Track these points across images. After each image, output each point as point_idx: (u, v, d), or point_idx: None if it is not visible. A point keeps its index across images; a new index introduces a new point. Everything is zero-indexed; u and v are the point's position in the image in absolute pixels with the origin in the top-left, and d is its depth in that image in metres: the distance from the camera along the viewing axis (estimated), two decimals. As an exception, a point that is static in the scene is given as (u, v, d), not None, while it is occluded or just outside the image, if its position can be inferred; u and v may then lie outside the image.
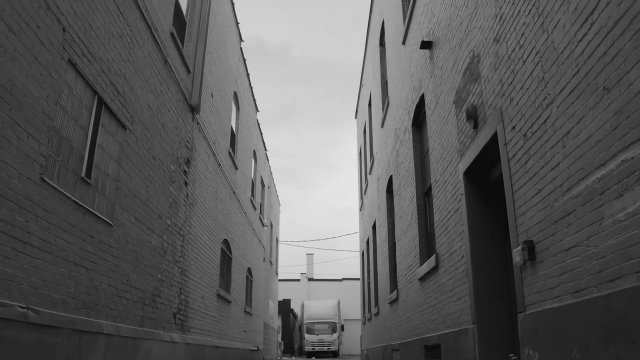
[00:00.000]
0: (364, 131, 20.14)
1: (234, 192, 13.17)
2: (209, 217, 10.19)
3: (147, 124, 6.73)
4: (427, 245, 8.63)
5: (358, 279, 42.39)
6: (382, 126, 13.86)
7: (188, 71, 8.72)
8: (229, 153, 12.46)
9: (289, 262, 79.36)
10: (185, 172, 8.45)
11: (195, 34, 9.20)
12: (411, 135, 9.49)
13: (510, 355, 4.48)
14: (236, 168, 13.50)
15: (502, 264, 5.66)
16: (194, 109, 8.93)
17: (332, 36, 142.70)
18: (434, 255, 7.30)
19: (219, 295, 10.98)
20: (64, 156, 4.66)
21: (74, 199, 4.72)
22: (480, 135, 5.43)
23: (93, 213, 5.10)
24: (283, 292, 42.21)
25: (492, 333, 5.41)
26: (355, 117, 24.59)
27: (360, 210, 21.57)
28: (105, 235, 5.38)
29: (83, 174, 4.97)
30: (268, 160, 21.95)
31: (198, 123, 9.37)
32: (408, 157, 9.73)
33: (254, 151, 17.56)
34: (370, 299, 17.76)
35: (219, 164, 11.18)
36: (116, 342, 5.50)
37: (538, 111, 4.09)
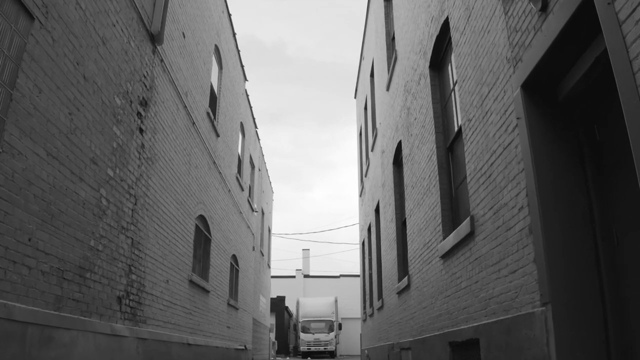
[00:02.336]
0: (365, 107, 18.44)
1: (215, 163, 11.29)
2: (177, 182, 8.31)
3: (75, 28, 4.85)
4: (453, 211, 6.79)
5: (356, 276, 40.73)
6: (387, 89, 12.07)
7: (147, -11, 6.85)
8: (208, 114, 10.59)
9: (284, 257, 77.44)
10: (140, 114, 6.57)
11: (159, -52, 7.32)
12: (429, 80, 7.67)
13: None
14: (217, 135, 11.62)
15: (586, 213, 3.81)
16: (154, 38, 7.05)
17: (327, 36, 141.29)
18: (468, 219, 5.45)
19: (192, 282, 9.10)
20: None
21: None
22: (554, 17, 3.57)
23: (-46, 124, 3.22)
24: (278, 289, 40.53)
25: (578, 317, 3.55)
26: (355, 97, 22.95)
27: (360, 196, 19.79)
28: (-18, 164, 3.50)
29: None
30: (259, 139, 20.06)
31: (162, 61, 7.50)
32: (424, 108, 7.89)
33: (242, 124, 15.69)
34: (372, 293, 15.93)
35: (193, 123, 9.31)
36: (2, 329, 3.61)
37: None
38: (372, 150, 15.68)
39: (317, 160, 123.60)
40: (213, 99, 11.64)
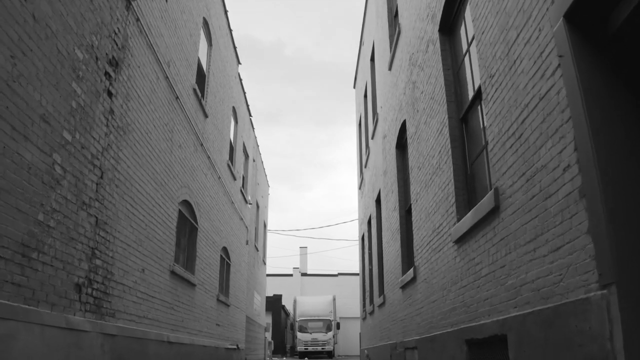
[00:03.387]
0: (365, 95, 17.70)
1: (202, 145, 10.44)
2: (157, 160, 7.46)
3: (17, -45, 4.01)
4: (469, 189, 5.97)
5: (355, 274, 39.91)
6: (389, 69, 11.27)
7: None
8: (195, 91, 9.74)
9: (281, 256, 76.65)
10: (108, 75, 5.72)
11: None
12: (438, 45, 6.87)
13: None
14: (205, 116, 10.77)
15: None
16: (127, -9, 6.21)
17: (325, 36, 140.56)
18: (490, 192, 4.62)
19: (174, 273, 8.26)
20: None
21: None
22: None
23: None
24: (274, 287, 39.76)
25: (652, 302, 2.73)
26: (354, 86, 22.22)
27: (360, 188, 19.00)
28: None
29: None
30: (253, 128, 19.18)
31: (138, 20, 6.65)
32: (433, 77, 7.08)
33: (234, 109, 14.83)
34: (372, 289, 15.12)
35: (177, 97, 8.46)
36: None
37: None
38: (372, 138, 14.89)
39: (316, 161, 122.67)
40: (201, 77, 10.80)
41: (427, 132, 7.46)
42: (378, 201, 13.83)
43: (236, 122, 15.32)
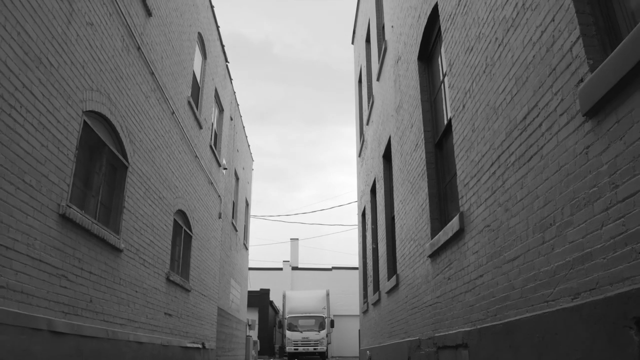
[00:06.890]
0: (367, 39, 14.74)
1: (140, 49, 7.32)
2: (27, 14, 4.38)
3: None
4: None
5: (351, 268, 36.93)
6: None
7: None
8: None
9: (269, 243, 73.55)
10: None
11: None
12: None
13: None
14: (148, 13, 7.66)
15: None
16: None
17: (314, 34, 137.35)
18: None
19: (68, 220, 5.18)
20: None
21: None
22: None
23: None
24: (262, 282, 36.99)
25: None
26: (352, 42, 19.38)
27: (360, 155, 16.07)
28: None
29: None
30: (231, 79, 16.01)
31: None
32: None
33: (201, 37, 11.69)
34: (377, 274, 12.09)
35: (80, -60, 5.37)
36: None
37: None
38: (377, 80, 11.90)
39: (305, 160, 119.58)
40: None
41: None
42: (386, 156, 10.81)
43: (205, 57, 12.18)
